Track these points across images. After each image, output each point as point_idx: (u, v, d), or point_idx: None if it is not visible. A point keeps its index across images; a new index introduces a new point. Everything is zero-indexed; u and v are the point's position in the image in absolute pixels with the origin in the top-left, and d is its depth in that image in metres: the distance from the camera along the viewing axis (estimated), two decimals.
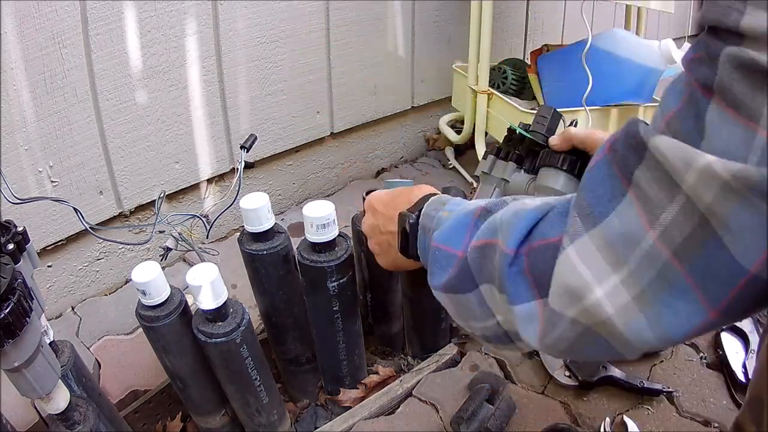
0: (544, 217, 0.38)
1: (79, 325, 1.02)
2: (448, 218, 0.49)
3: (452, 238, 0.47)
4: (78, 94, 0.95)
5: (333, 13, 1.29)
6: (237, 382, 0.76)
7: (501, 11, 1.74)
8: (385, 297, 0.98)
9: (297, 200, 1.44)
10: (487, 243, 0.42)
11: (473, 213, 0.46)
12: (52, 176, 0.96)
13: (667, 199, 0.30)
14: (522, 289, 0.38)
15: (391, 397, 0.88)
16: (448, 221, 0.49)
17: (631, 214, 0.31)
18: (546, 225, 0.38)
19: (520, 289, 0.38)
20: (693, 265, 0.29)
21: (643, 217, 0.31)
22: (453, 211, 0.50)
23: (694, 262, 0.29)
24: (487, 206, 0.46)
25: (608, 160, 0.34)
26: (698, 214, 0.28)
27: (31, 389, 0.56)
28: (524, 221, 0.38)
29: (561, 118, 0.76)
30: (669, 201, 0.29)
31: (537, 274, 0.37)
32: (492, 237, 0.41)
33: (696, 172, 0.28)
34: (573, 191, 0.63)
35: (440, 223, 0.51)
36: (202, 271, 0.68)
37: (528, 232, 0.38)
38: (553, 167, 0.68)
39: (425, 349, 1.00)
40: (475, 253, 0.43)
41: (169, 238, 0.89)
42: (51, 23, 0.88)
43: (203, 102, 1.13)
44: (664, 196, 0.30)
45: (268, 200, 0.78)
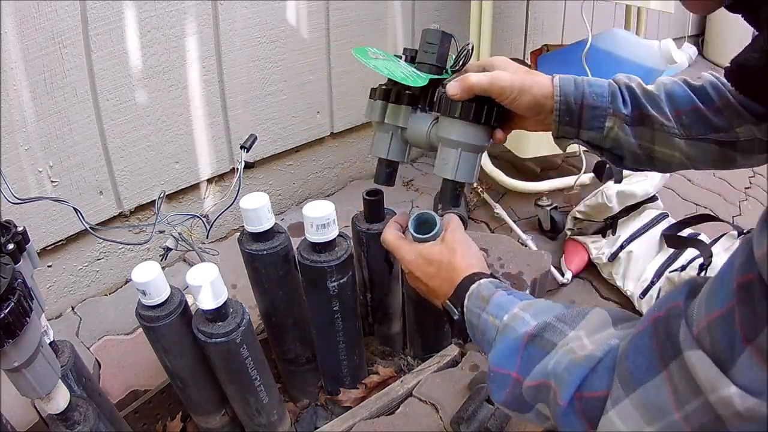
0: (593, 371, 0.43)
1: (79, 325, 1.02)
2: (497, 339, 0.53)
3: (504, 362, 0.51)
4: (78, 94, 0.95)
5: (333, 13, 1.29)
6: (237, 382, 0.76)
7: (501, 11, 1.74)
8: (386, 297, 0.98)
9: (297, 200, 1.44)
10: (541, 383, 0.47)
11: (522, 339, 0.50)
12: (52, 176, 0.96)
13: (692, 396, 0.34)
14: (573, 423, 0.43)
15: (391, 398, 0.88)
16: (499, 344, 0.53)
17: (663, 392, 0.36)
18: (595, 380, 0.42)
19: (573, 426, 0.43)
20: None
21: (671, 397, 0.36)
22: (498, 319, 0.54)
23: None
24: (534, 331, 0.50)
25: (650, 333, 0.38)
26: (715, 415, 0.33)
27: (31, 389, 0.56)
28: (575, 378, 0.43)
29: (452, 39, 0.67)
30: (693, 398, 0.34)
31: (589, 416, 0.42)
32: (545, 379, 0.46)
33: (717, 397, 0.33)
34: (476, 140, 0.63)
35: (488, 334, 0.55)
36: (202, 271, 0.68)
37: (578, 386, 0.43)
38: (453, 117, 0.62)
39: (427, 349, 1.00)
40: (530, 391, 0.48)
41: (169, 238, 0.89)
42: (51, 23, 0.88)
43: (203, 102, 1.13)
44: (690, 393, 0.34)
45: (268, 200, 0.78)
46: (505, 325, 0.53)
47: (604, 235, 1.26)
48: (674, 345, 0.36)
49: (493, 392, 0.53)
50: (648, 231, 1.22)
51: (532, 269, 1.08)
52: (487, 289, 0.58)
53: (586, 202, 1.24)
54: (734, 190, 1.68)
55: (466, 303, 0.59)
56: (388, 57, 0.69)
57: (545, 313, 0.51)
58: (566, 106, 0.60)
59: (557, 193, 1.39)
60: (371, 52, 0.69)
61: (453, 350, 0.98)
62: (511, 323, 0.53)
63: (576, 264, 1.24)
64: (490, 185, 1.50)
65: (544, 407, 0.48)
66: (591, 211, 1.25)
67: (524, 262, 1.10)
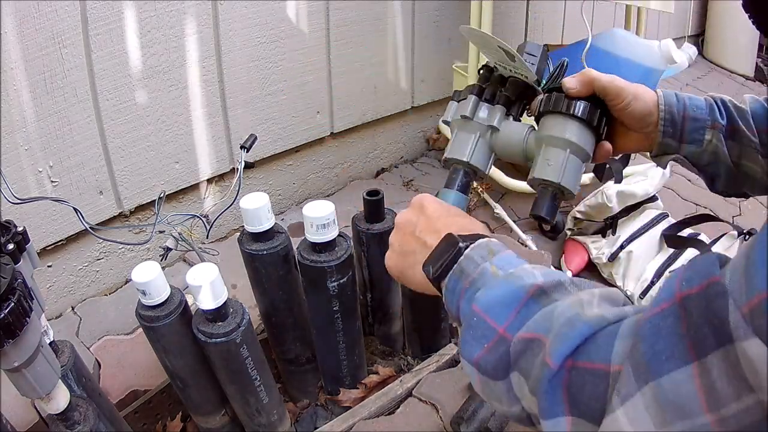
0: (594, 335, 0.36)
1: (79, 325, 1.02)
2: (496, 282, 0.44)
3: (497, 310, 0.43)
4: (78, 94, 0.95)
5: (333, 13, 1.29)
6: (237, 382, 0.76)
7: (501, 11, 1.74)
8: (386, 297, 0.98)
9: (297, 200, 1.44)
10: (536, 338, 0.39)
11: (527, 289, 0.42)
12: (52, 176, 0.96)
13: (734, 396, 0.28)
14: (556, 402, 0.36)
15: (391, 397, 0.88)
16: (496, 288, 0.44)
17: (689, 389, 0.30)
18: (593, 346, 0.36)
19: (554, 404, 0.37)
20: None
21: (702, 398, 0.29)
22: (502, 270, 0.45)
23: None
24: (544, 285, 0.42)
25: (677, 314, 0.31)
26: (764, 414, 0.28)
27: (31, 389, 0.56)
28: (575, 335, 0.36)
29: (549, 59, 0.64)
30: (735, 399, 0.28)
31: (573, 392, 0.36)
32: (543, 333, 0.39)
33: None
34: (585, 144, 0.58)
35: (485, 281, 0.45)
36: (202, 271, 0.68)
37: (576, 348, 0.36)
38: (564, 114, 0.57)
39: (425, 349, 1.00)
40: (519, 345, 0.40)
41: (169, 238, 0.89)
42: (51, 23, 0.88)
43: (203, 102, 1.13)
44: (731, 392, 0.28)
45: (268, 200, 0.78)
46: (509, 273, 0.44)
47: (604, 235, 1.26)
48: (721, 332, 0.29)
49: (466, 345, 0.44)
50: (648, 231, 1.22)
51: None
52: (497, 246, 0.49)
53: (586, 202, 1.24)
54: None
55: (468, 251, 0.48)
56: None
57: (558, 274, 0.44)
58: (670, 116, 0.61)
59: None
60: None
61: (451, 349, 0.98)
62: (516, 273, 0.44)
63: (576, 264, 1.24)
64: (490, 185, 1.50)
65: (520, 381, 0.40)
66: (591, 211, 1.25)
67: None
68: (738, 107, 0.63)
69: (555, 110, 0.58)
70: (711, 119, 0.62)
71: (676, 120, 0.62)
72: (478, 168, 0.62)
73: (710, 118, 0.62)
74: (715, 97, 0.64)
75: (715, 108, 0.62)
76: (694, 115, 0.62)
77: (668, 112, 0.61)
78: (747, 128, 0.61)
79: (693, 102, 0.62)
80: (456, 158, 0.61)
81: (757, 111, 0.62)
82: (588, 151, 0.59)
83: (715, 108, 0.62)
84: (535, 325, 0.40)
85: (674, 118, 0.61)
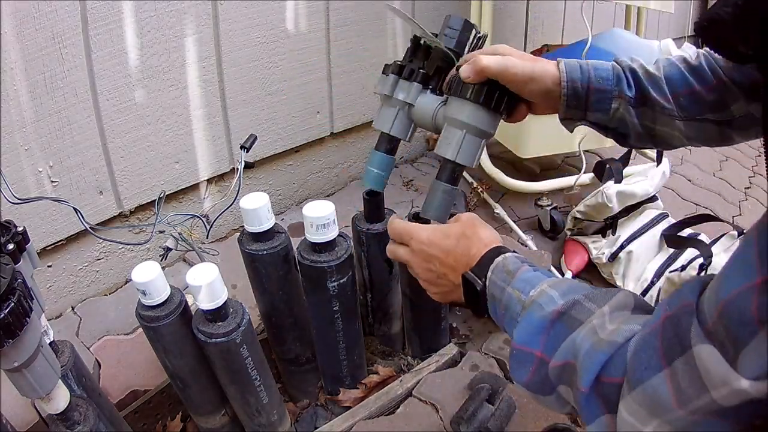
0: (611, 358, 0.43)
1: (79, 325, 1.02)
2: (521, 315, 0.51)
3: (529, 339, 0.50)
4: (78, 94, 0.95)
5: (333, 13, 1.29)
6: (237, 382, 0.76)
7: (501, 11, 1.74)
8: (385, 297, 0.98)
9: (297, 200, 1.44)
10: (567, 363, 0.47)
11: (549, 317, 0.49)
12: (52, 176, 0.96)
13: (695, 395, 0.35)
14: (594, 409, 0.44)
15: (391, 397, 0.88)
16: (524, 321, 0.51)
17: (664, 389, 0.37)
18: (612, 367, 0.43)
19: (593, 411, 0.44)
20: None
21: (673, 396, 0.36)
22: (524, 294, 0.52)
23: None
24: (562, 309, 0.48)
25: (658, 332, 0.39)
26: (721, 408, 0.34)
27: (31, 389, 0.56)
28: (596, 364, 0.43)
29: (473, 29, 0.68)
30: (696, 397, 0.35)
31: (608, 402, 0.43)
32: (571, 358, 0.46)
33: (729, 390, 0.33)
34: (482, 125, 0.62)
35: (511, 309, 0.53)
36: (202, 271, 0.68)
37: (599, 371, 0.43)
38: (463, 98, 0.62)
39: (425, 349, 1.00)
40: (556, 371, 0.48)
41: (169, 238, 0.89)
42: (51, 23, 0.88)
43: (203, 102, 1.13)
44: (693, 392, 0.35)
45: (268, 200, 0.78)
46: (532, 300, 0.51)
47: (604, 235, 1.26)
48: (682, 341, 0.36)
49: (515, 371, 0.52)
50: (648, 231, 1.22)
51: None
52: (513, 263, 0.55)
53: (586, 202, 1.24)
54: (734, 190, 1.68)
55: (490, 275, 0.56)
56: None
57: (573, 292, 0.49)
58: (573, 92, 0.61)
59: (557, 193, 1.39)
60: None
61: (452, 349, 0.98)
62: (538, 299, 0.50)
63: (576, 264, 1.24)
64: (490, 185, 1.50)
65: (567, 390, 0.48)
66: (591, 211, 1.25)
67: None
68: (650, 74, 0.62)
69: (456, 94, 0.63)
70: (617, 89, 0.61)
71: (580, 93, 0.61)
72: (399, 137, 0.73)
73: (617, 88, 0.61)
74: (624, 65, 0.63)
75: (623, 78, 0.62)
76: (599, 86, 0.61)
77: (571, 88, 0.61)
78: (660, 95, 0.61)
79: (598, 73, 0.62)
80: (380, 129, 0.73)
81: (673, 76, 0.62)
82: (486, 129, 0.64)
83: (622, 78, 0.62)
84: (563, 355, 0.47)
85: (578, 92, 0.61)
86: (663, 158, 1.30)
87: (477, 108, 0.62)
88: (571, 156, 1.65)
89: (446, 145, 0.64)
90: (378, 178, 0.81)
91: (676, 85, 0.61)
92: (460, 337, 1.05)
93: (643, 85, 0.62)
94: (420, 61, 0.68)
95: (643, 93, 0.62)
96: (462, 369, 0.93)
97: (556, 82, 0.61)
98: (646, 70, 0.63)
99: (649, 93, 0.61)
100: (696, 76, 0.61)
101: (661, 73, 0.62)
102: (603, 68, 0.62)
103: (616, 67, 0.63)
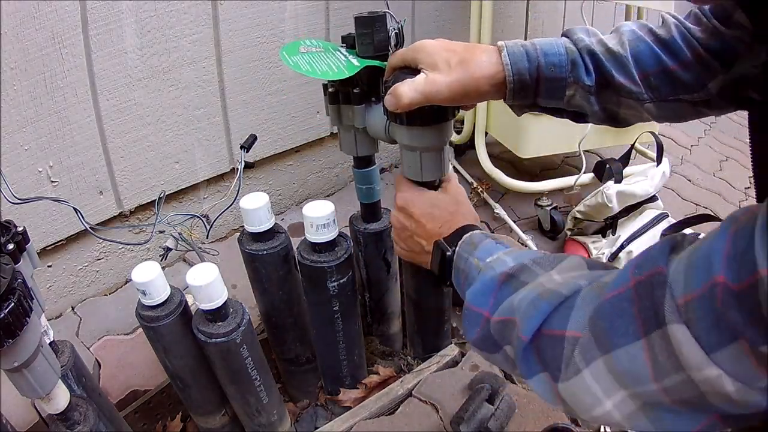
0: (556, 309, 0.42)
1: (79, 325, 1.02)
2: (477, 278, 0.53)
3: (479, 300, 0.51)
4: (78, 94, 0.95)
5: (333, 13, 1.29)
6: (237, 382, 0.76)
7: (501, 11, 1.74)
8: (384, 297, 0.98)
9: (297, 200, 1.44)
10: (507, 319, 0.47)
11: (498, 278, 0.50)
12: (52, 176, 0.96)
13: (674, 370, 0.33)
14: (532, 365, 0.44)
15: (391, 398, 0.88)
16: (476, 282, 0.52)
17: (639, 360, 0.35)
18: (555, 318, 0.42)
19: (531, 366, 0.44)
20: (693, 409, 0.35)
21: (650, 368, 0.35)
22: (482, 261, 0.54)
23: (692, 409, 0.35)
24: (511, 271, 0.49)
25: (631, 298, 0.36)
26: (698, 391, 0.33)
27: (31, 389, 0.56)
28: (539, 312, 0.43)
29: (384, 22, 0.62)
30: (675, 372, 0.33)
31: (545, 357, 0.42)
32: (510, 315, 0.46)
33: (704, 377, 0.32)
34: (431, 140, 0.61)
35: (470, 276, 0.54)
36: (202, 271, 0.68)
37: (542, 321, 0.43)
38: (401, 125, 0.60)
39: (427, 349, 1.00)
40: (496, 326, 0.48)
41: (169, 238, 0.89)
42: (51, 23, 0.88)
43: (203, 102, 1.13)
44: (671, 366, 0.33)
45: (268, 200, 0.78)
46: (485, 264, 0.53)
47: (604, 235, 1.26)
48: (658, 315, 0.34)
49: (466, 331, 0.53)
50: (648, 231, 1.22)
51: None
52: (478, 237, 0.58)
53: (586, 202, 1.24)
54: (734, 190, 1.68)
55: (458, 249, 0.58)
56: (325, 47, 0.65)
57: (524, 257, 0.50)
58: (520, 84, 0.54)
59: (557, 193, 1.39)
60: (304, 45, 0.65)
61: (453, 350, 0.98)
62: (492, 263, 0.52)
63: None
64: (490, 185, 1.50)
65: (511, 350, 0.47)
66: (591, 211, 1.25)
67: None
68: (613, 53, 0.54)
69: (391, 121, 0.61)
70: (572, 76, 0.55)
71: (528, 84, 0.55)
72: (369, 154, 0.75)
73: (571, 75, 0.54)
74: (581, 46, 0.55)
75: (579, 63, 0.55)
76: (551, 75, 0.54)
77: (518, 81, 0.54)
78: (626, 78, 0.54)
79: (549, 59, 0.54)
80: (348, 154, 0.75)
81: (642, 52, 0.54)
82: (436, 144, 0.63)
83: (579, 63, 0.55)
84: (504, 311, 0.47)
85: (525, 83, 0.54)
86: (663, 158, 1.30)
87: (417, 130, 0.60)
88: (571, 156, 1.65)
89: (408, 167, 0.65)
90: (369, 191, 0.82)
91: (645, 63, 0.54)
92: (460, 337, 1.05)
93: (605, 68, 0.54)
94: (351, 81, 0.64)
95: (604, 76, 0.55)
96: (462, 369, 0.93)
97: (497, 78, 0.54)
98: (607, 48, 0.55)
99: (613, 77, 0.54)
100: (668, 51, 0.54)
101: (627, 51, 0.54)
102: (554, 53, 0.54)
103: (570, 50, 0.55)
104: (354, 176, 0.79)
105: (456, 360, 0.97)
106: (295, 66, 0.60)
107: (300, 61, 0.61)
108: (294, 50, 0.64)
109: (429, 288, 0.89)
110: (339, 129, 0.72)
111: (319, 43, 0.67)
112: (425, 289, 0.89)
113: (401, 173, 0.68)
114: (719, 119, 2.37)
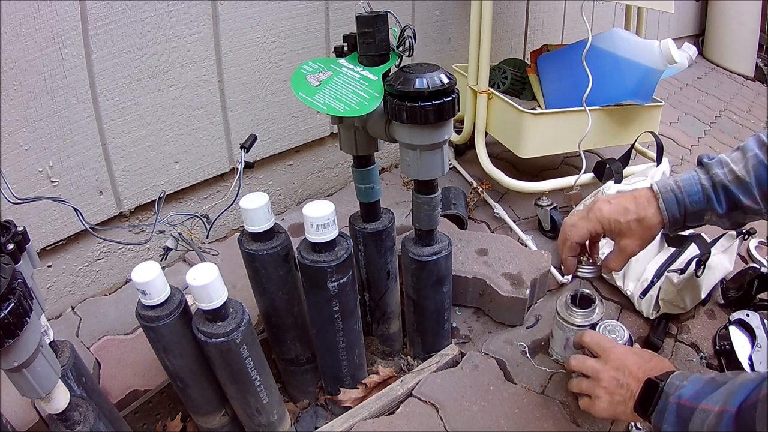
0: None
1: (79, 325, 1.02)
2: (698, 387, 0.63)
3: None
4: (78, 94, 0.95)
5: (333, 13, 1.29)
6: (237, 382, 0.76)
7: (501, 11, 1.74)
8: (383, 297, 0.98)
9: (297, 200, 1.44)
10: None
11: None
12: (52, 176, 0.96)
13: None
14: None
15: (391, 398, 0.88)
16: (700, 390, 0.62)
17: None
18: None
19: None
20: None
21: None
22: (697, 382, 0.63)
23: None
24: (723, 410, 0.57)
25: None
26: None
27: (31, 389, 0.56)
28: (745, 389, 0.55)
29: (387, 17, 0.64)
30: None
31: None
32: None
33: None
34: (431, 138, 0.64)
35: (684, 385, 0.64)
36: (202, 271, 0.68)
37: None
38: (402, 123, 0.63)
39: (427, 349, 1.00)
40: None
41: (169, 238, 0.89)
42: (51, 23, 0.88)
43: (203, 102, 1.13)
44: None
45: (268, 200, 0.78)
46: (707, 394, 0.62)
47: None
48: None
49: None
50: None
51: (532, 269, 1.08)
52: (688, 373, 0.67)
53: (586, 202, 1.24)
54: None
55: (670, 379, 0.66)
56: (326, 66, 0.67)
57: None
58: (673, 222, 0.74)
59: (557, 193, 1.39)
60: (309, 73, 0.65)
61: (453, 350, 0.98)
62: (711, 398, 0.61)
63: None
64: (490, 185, 1.50)
65: None
66: None
67: (524, 262, 1.10)
68: (740, 181, 0.70)
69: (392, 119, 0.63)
70: (708, 208, 0.73)
71: (678, 221, 0.74)
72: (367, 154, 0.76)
73: (707, 207, 0.72)
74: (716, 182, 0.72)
75: (713, 198, 0.72)
76: (693, 210, 0.73)
77: (672, 222, 0.74)
78: (749, 199, 0.70)
79: (691, 198, 0.73)
80: (347, 153, 0.77)
81: (761, 176, 0.69)
82: (436, 142, 0.65)
83: (712, 198, 0.72)
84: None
85: (677, 220, 0.74)
86: (663, 158, 1.30)
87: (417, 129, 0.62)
88: (571, 156, 1.65)
89: (407, 166, 0.67)
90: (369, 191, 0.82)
91: (763, 185, 0.70)
92: (460, 337, 1.05)
93: (734, 195, 0.71)
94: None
95: (733, 202, 0.71)
96: (462, 369, 0.93)
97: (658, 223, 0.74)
98: (735, 177, 0.71)
99: (740, 201, 0.71)
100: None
101: (751, 176, 0.70)
102: (694, 192, 0.73)
103: (705, 188, 0.72)
104: (354, 175, 0.79)
105: (456, 360, 0.97)
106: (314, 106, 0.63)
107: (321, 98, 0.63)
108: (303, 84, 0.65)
109: (429, 288, 0.89)
110: (339, 128, 0.73)
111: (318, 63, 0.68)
112: (425, 289, 0.89)
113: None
114: (719, 119, 2.37)
